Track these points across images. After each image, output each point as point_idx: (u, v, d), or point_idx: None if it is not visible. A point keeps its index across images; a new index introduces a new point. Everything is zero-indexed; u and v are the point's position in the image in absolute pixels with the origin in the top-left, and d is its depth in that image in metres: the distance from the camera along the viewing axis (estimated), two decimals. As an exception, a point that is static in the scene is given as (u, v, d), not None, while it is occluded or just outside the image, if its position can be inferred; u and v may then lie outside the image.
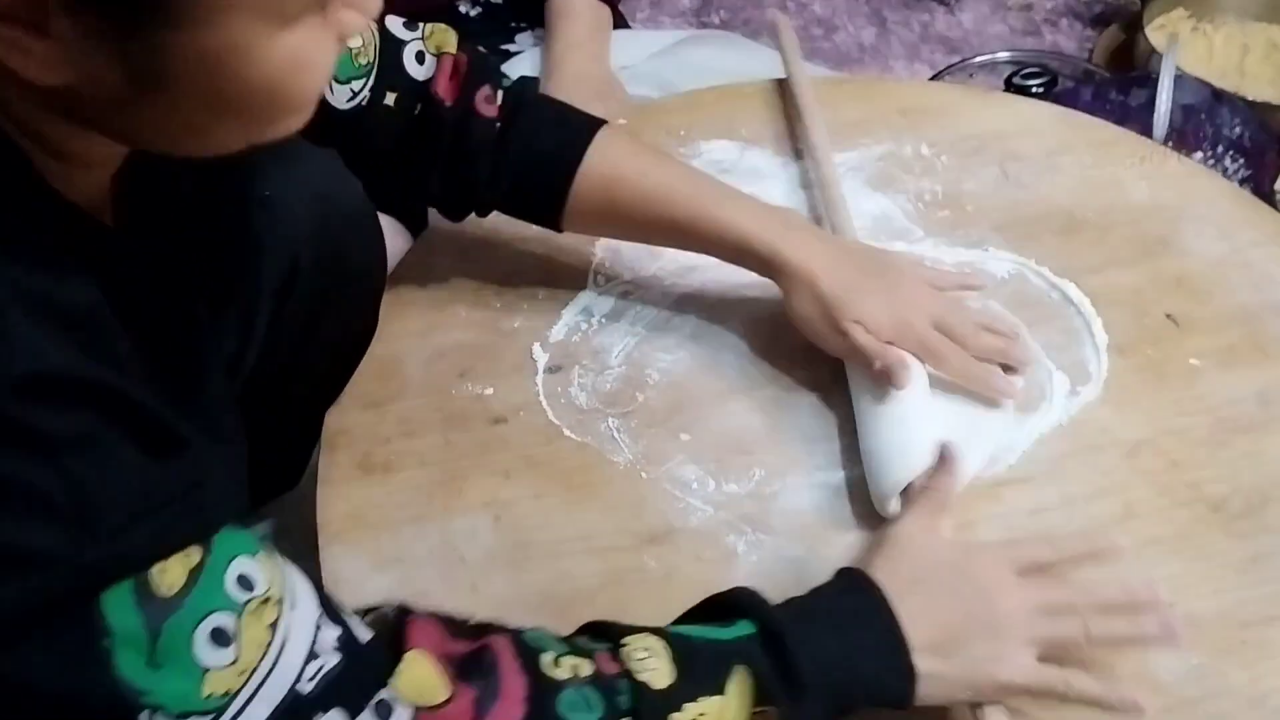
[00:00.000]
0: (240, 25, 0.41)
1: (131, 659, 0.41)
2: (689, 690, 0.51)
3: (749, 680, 0.52)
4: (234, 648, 0.43)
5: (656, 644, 0.52)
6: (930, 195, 0.89)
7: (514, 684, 0.48)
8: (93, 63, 0.40)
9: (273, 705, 0.43)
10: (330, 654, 0.45)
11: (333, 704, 0.44)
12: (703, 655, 0.52)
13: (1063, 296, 0.81)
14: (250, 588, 0.44)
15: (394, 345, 0.78)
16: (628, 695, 0.50)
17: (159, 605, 0.41)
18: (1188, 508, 0.69)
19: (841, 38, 1.69)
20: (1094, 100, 1.33)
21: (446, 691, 0.47)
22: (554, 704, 0.48)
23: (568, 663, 0.50)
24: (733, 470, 0.71)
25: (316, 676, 0.44)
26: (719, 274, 0.83)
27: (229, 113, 0.44)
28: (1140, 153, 0.93)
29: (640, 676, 0.50)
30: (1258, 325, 0.79)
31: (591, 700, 0.49)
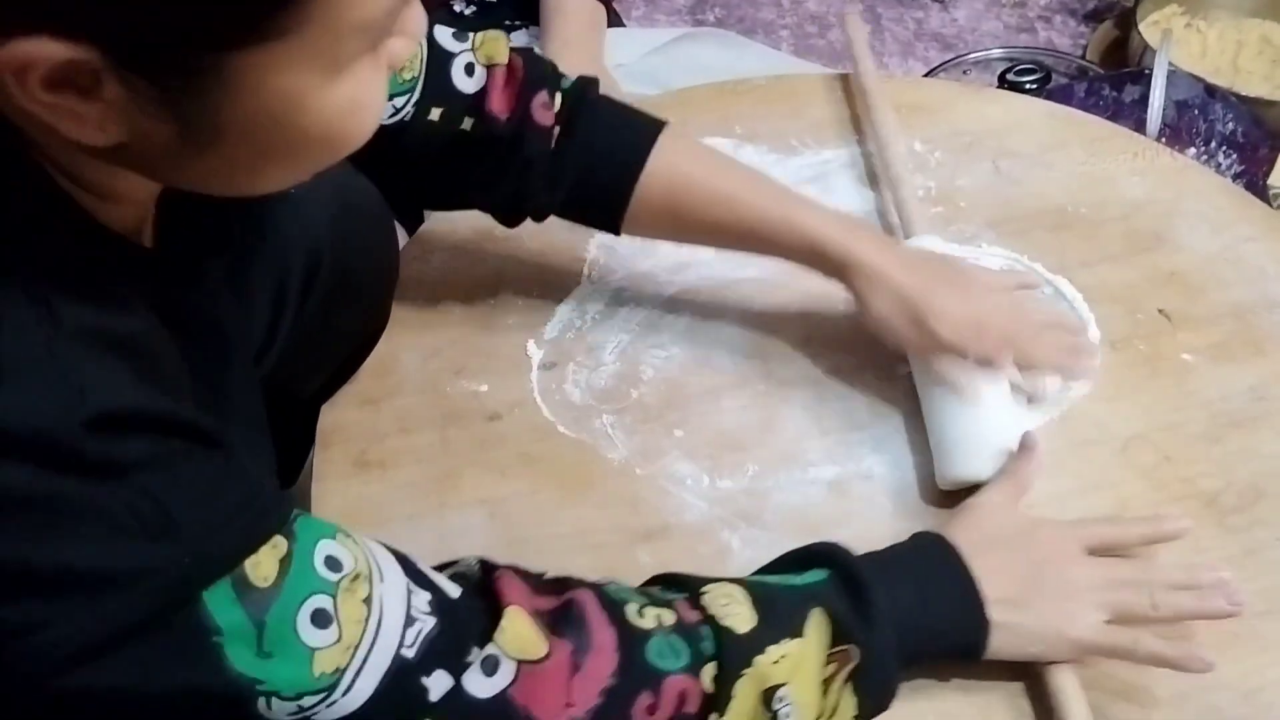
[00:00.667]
0: (294, 79, 0.41)
1: (242, 652, 0.42)
2: (770, 633, 0.52)
3: (826, 620, 0.53)
4: (335, 626, 0.44)
5: (736, 591, 0.54)
6: (924, 191, 0.89)
7: (604, 636, 0.50)
8: (144, 122, 0.40)
9: (380, 674, 0.44)
10: (425, 617, 0.46)
11: (437, 664, 0.46)
12: (781, 599, 0.54)
13: (1056, 292, 0.81)
14: (338, 568, 0.45)
15: (389, 343, 0.79)
16: (711, 640, 0.51)
17: (258, 597, 0.42)
18: (1181, 503, 0.69)
19: (836, 35, 1.69)
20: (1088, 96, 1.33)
21: (545, 646, 0.48)
22: (643, 652, 0.50)
23: (651, 612, 0.52)
24: (726, 466, 0.71)
25: (416, 641, 0.45)
26: (712, 271, 0.83)
27: (284, 158, 0.45)
28: (1133, 149, 0.93)
29: (723, 622, 0.51)
30: (1250, 320, 0.80)
31: (677, 647, 0.50)
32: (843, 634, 0.53)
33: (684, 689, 0.50)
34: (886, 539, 0.67)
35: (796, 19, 1.72)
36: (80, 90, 0.38)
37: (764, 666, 0.51)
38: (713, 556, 0.67)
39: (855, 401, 0.75)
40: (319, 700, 0.43)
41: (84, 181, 0.45)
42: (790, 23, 1.72)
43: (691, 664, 0.50)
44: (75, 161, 0.44)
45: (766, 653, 0.51)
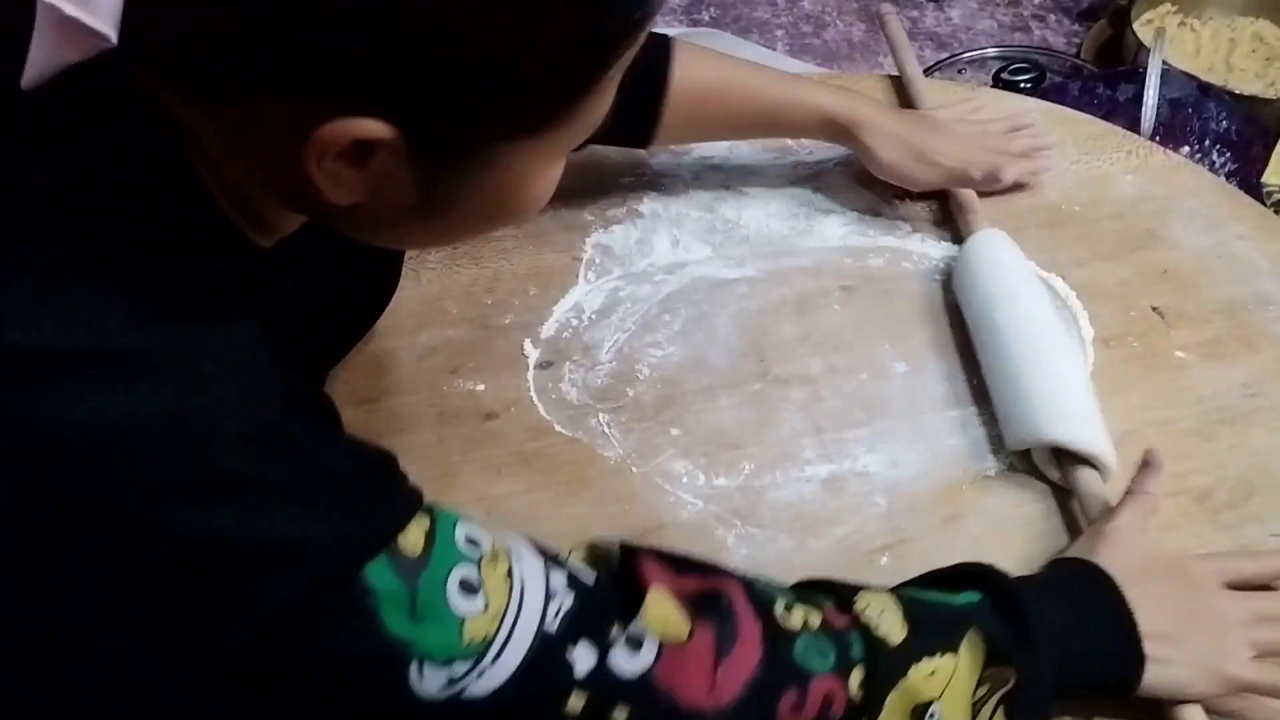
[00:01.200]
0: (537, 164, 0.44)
1: (396, 615, 0.43)
2: (922, 647, 0.51)
3: (981, 639, 0.52)
4: (481, 596, 0.44)
5: (889, 601, 0.53)
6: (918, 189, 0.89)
7: (750, 628, 0.49)
8: (393, 191, 0.42)
9: (526, 645, 0.45)
10: (565, 593, 0.47)
11: (579, 637, 0.46)
12: (935, 614, 0.54)
13: (1049, 289, 0.81)
14: (478, 544, 0.46)
15: (385, 342, 0.79)
16: (861, 646, 0.51)
17: (410, 565, 0.43)
18: (1173, 499, 0.69)
19: (831, 34, 1.70)
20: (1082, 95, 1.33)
21: (688, 627, 0.48)
22: (789, 649, 0.50)
23: (799, 611, 0.51)
24: (722, 464, 0.71)
25: (558, 615, 0.46)
26: (708, 270, 0.84)
27: (485, 225, 0.47)
28: (1126, 147, 0.93)
29: (876, 631, 0.51)
30: (1243, 317, 0.80)
31: (824, 648, 0.50)
32: (998, 655, 0.52)
33: (830, 690, 0.50)
34: (882, 536, 0.67)
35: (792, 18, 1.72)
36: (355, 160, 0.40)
37: (916, 681, 0.51)
38: (708, 554, 0.66)
39: (850, 400, 0.75)
40: (470, 668, 0.44)
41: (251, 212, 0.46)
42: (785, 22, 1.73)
43: (838, 666, 0.50)
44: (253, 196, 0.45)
45: (918, 666, 0.51)
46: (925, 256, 0.84)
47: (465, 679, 0.44)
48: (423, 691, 0.43)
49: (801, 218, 0.87)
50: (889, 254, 0.85)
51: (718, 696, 0.48)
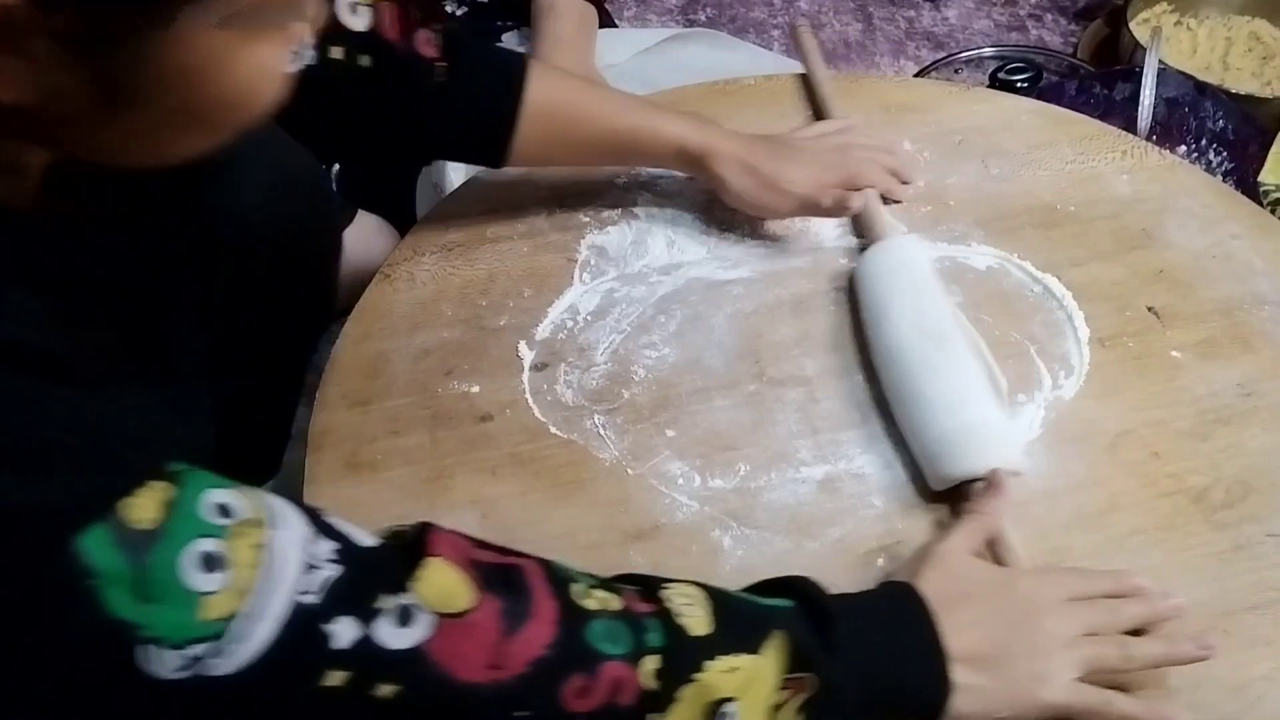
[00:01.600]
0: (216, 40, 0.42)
1: (120, 596, 0.40)
2: (725, 643, 0.50)
3: (787, 643, 0.52)
4: (225, 570, 0.42)
5: (698, 594, 0.52)
6: (913, 190, 0.89)
7: (545, 605, 0.48)
8: (63, 80, 0.41)
9: (278, 621, 0.43)
10: (328, 564, 0.44)
11: (341, 611, 0.44)
12: (743, 613, 0.53)
13: (1045, 290, 0.82)
14: (229, 514, 0.43)
15: (380, 344, 0.79)
16: (659, 634, 0.49)
17: (138, 539, 0.41)
18: (1170, 499, 0.69)
19: (828, 34, 1.70)
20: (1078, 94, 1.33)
21: (472, 598, 0.47)
22: (583, 631, 0.48)
23: (598, 594, 0.50)
24: (718, 465, 0.71)
25: (320, 587, 0.44)
26: (703, 271, 0.84)
27: (193, 125, 0.45)
28: (1121, 147, 0.93)
29: (678, 620, 0.50)
30: (1239, 317, 0.80)
31: (619, 632, 0.49)
32: (802, 661, 0.51)
33: (620, 677, 0.48)
34: (878, 537, 0.67)
35: (788, 18, 1.72)
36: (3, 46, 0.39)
37: (714, 675, 0.49)
38: (704, 555, 0.67)
39: (846, 401, 0.75)
40: (210, 646, 0.41)
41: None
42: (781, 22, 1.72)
43: (631, 652, 0.48)
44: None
45: (718, 661, 0.50)
46: (921, 257, 0.84)
47: (204, 660, 0.41)
48: (156, 672, 0.41)
49: (797, 219, 0.87)
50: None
51: (498, 673, 0.46)
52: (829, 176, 0.83)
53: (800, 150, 0.85)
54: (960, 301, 0.80)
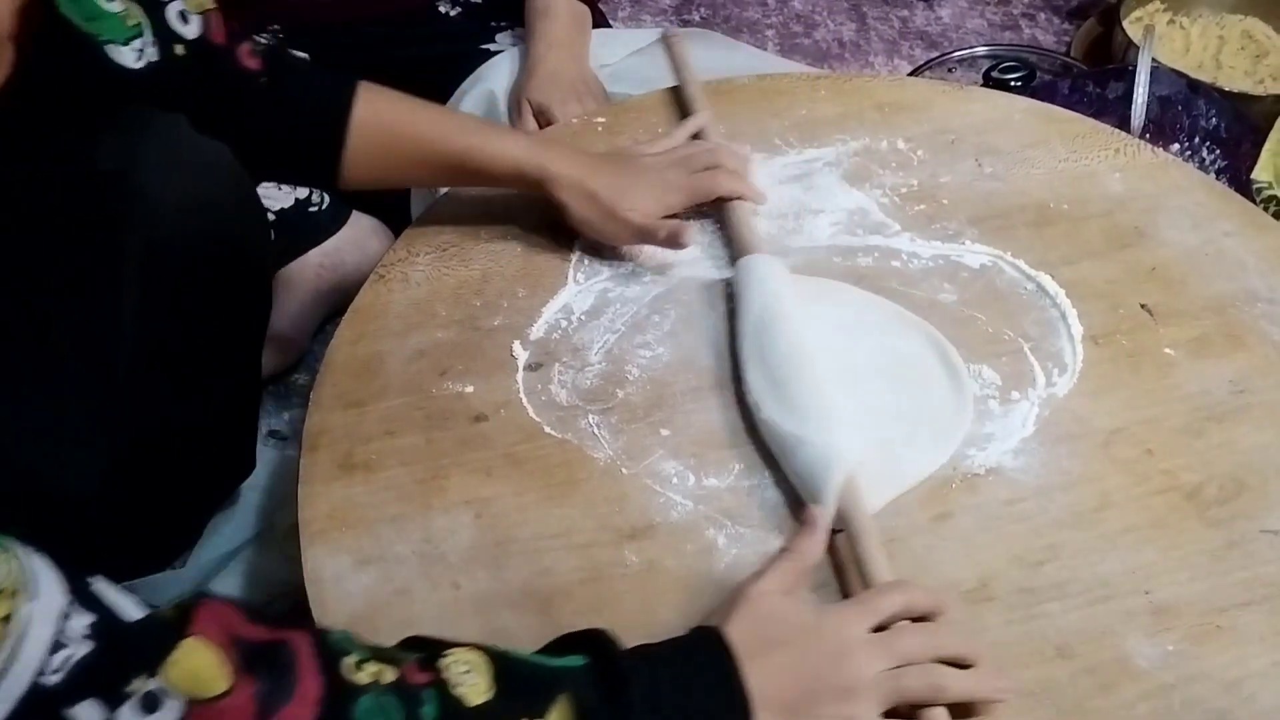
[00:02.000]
0: None
1: None
2: (505, 710, 0.49)
3: (572, 708, 0.50)
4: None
5: (478, 659, 0.51)
6: (906, 189, 0.89)
7: (308, 684, 0.46)
8: None
9: (12, 702, 0.40)
10: (80, 642, 0.42)
11: (85, 694, 0.42)
12: (526, 677, 0.51)
13: (1038, 288, 0.82)
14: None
15: (374, 344, 0.79)
16: (433, 706, 0.48)
17: None
18: (1163, 496, 0.69)
19: (821, 34, 1.70)
20: (1072, 93, 1.34)
21: (226, 683, 0.44)
22: (350, 709, 0.46)
23: (371, 668, 0.48)
24: (712, 464, 0.71)
25: (63, 668, 0.42)
26: (697, 270, 0.84)
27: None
28: (1114, 145, 0.94)
29: (454, 690, 0.48)
30: (1232, 315, 0.80)
31: (390, 708, 0.47)
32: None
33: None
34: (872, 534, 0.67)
35: (782, 18, 1.72)
36: None
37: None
38: (698, 555, 0.67)
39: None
40: None
41: None
42: (775, 22, 1.72)
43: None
44: None
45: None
46: (915, 256, 0.84)
47: None
48: None
49: (790, 217, 0.87)
50: (878, 253, 0.85)
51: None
52: (673, 198, 0.82)
53: (644, 171, 0.83)
54: (953, 300, 0.81)
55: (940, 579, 0.65)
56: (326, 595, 0.65)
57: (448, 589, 0.65)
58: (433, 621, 0.63)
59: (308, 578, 0.66)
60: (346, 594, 0.65)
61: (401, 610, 0.64)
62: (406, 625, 0.63)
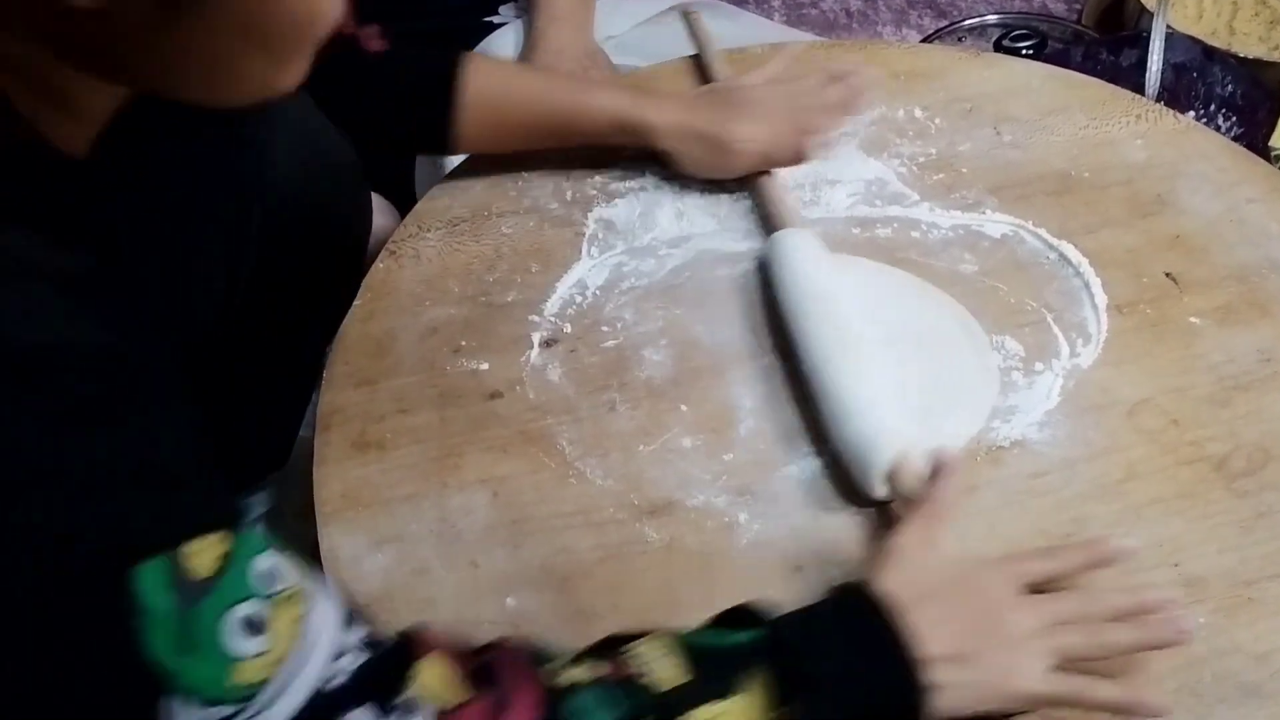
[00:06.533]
0: None
1: (162, 640, 0.40)
2: (701, 692, 0.50)
3: (763, 679, 0.51)
4: (265, 638, 0.42)
5: (665, 645, 0.51)
6: (925, 159, 0.88)
7: (524, 690, 0.48)
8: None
9: (300, 700, 0.42)
10: (356, 652, 0.45)
11: (363, 698, 0.44)
12: (714, 658, 0.51)
13: (1060, 257, 0.80)
14: (276, 581, 0.43)
15: (386, 322, 0.77)
16: (640, 697, 0.49)
17: (191, 589, 0.40)
18: (1190, 466, 0.68)
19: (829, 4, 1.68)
20: (1084, 61, 1.32)
21: (461, 696, 0.47)
22: (564, 709, 0.48)
23: (571, 671, 0.50)
24: (732, 440, 0.70)
25: (344, 673, 0.44)
26: (713, 243, 0.82)
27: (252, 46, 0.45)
28: (1135, 111, 0.92)
29: (649, 678, 0.49)
30: (1256, 282, 0.79)
31: (601, 702, 0.48)
32: (781, 695, 0.50)
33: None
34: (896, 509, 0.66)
35: (788, -12, 1.70)
36: None
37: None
38: (719, 531, 0.66)
39: (860, 372, 0.74)
40: (235, 712, 0.41)
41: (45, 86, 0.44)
42: (782, -8, 1.70)
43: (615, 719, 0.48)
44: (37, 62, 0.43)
45: (700, 710, 0.49)
46: (934, 226, 0.83)
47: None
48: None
49: (807, 188, 0.86)
50: (897, 224, 0.83)
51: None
52: (781, 125, 0.81)
53: (746, 102, 0.83)
54: (974, 271, 0.79)
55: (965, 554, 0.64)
56: (344, 575, 0.64)
57: (466, 568, 0.64)
58: (451, 601, 0.63)
59: (325, 558, 0.65)
60: (364, 574, 0.64)
61: (420, 590, 0.63)
62: (426, 605, 0.62)
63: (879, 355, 0.70)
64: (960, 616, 0.55)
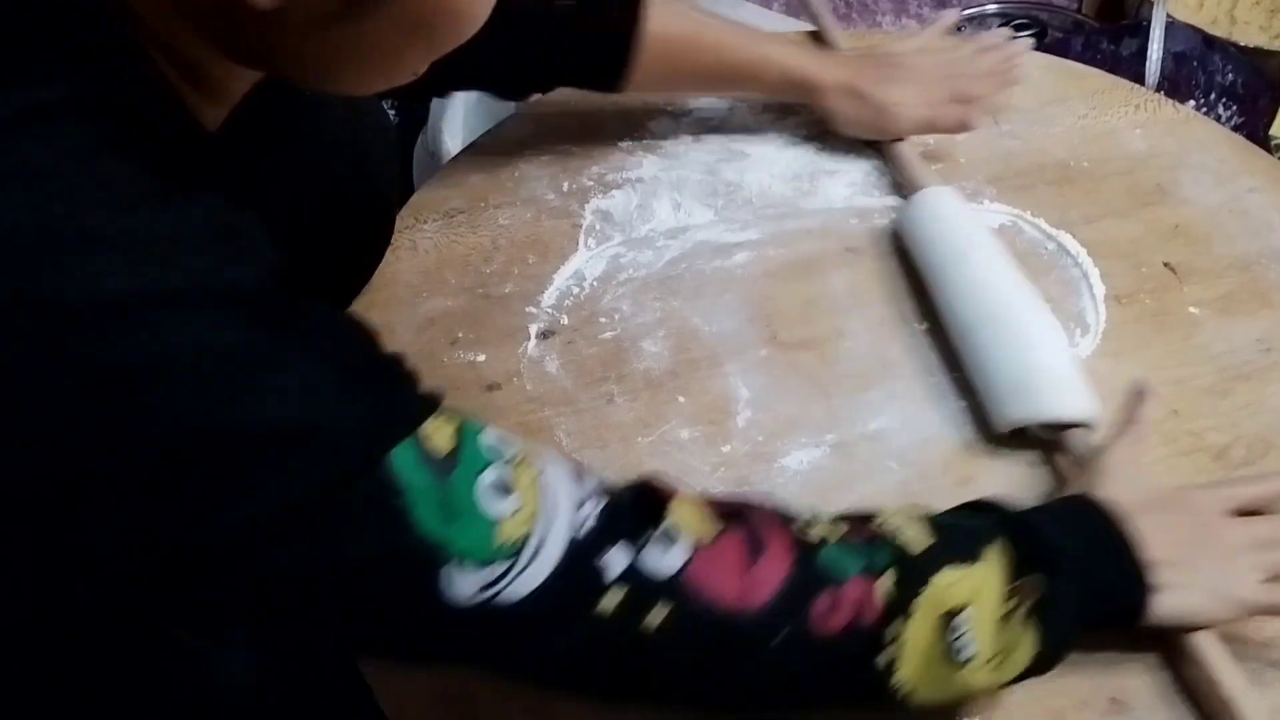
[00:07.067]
0: None
1: (429, 513, 0.41)
2: (948, 555, 0.51)
3: (1005, 551, 0.52)
4: (514, 497, 0.43)
5: (910, 515, 0.53)
6: (923, 148, 0.87)
7: (777, 538, 0.48)
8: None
9: (561, 548, 0.43)
10: (595, 497, 0.46)
11: (613, 540, 0.45)
12: (957, 529, 0.53)
13: (1059, 247, 0.80)
14: (506, 448, 0.44)
15: (384, 313, 0.77)
16: (886, 553, 0.50)
17: (440, 464, 0.41)
18: (1189, 457, 0.68)
19: (828, -6, 1.67)
20: (1085, 50, 1.31)
21: (717, 528, 0.47)
22: (816, 557, 0.49)
23: (820, 528, 0.51)
24: (730, 432, 0.70)
25: (590, 518, 0.45)
26: (710, 234, 0.82)
27: (417, 40, 0.45)
28: (1134, 101, 0.92)
29: (899, 538, 0.51)
30: (1257, 272, 0.79)
31: (851, 556, 0.49)
32: (1022, 566, 0.51)
33: (861, 595, 0.48)
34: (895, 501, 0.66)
35: (787, -22, 1.69)
36: None
37: (942, 588, 0.49)
38: (718, 523, 0.66)
39: (860, 363, 0.74)
40: (507, 568, 0.42)
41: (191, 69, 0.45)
42: (781, -18, 1.69)
43: (866, 570, 0.49)
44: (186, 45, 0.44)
45: (944, 572, 0.50)
46: (932, 216, 0.82)
47: (499, 583, 0.42)
48: (453, 596, 0.41)
49: (805, 179, 0.86)
50: (895, 214, 0.83)
51: (749, 600, 0.47)
52: (938, 92, 0.83)
53: (906, 68, 0.85)
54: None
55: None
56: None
57: (464, 560, 0.64)
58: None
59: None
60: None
61: (418, 582, 0.63)
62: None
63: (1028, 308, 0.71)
64: (1177, 527, 0.57)
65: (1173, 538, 0.56)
